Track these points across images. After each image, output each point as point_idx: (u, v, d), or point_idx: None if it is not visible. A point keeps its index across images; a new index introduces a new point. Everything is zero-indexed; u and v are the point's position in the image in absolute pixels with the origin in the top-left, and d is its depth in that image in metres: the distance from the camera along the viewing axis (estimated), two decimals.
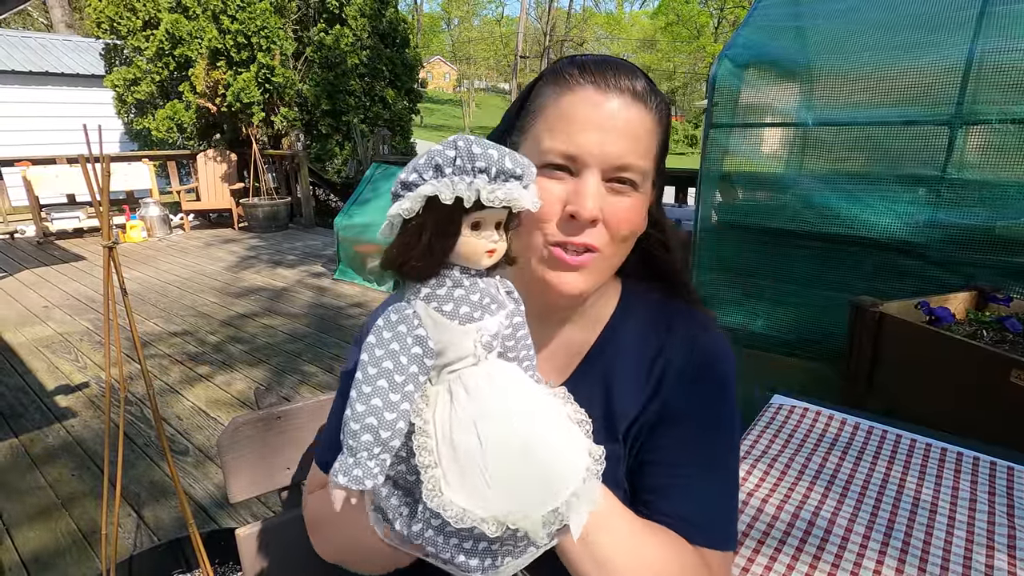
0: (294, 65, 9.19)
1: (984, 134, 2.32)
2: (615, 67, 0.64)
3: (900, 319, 1.99)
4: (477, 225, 0.48)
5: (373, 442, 0.47)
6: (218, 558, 1.68)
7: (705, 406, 0.69)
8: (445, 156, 0.46)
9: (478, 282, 0.50)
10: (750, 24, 2.96)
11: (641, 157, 0.63)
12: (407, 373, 0.47)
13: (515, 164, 0.47)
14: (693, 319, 0.73)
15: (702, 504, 0.66)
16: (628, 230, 0.65)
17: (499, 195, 0.46)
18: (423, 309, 0.48)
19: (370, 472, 0.48)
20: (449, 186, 0.45)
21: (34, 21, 20.01)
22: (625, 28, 34.20)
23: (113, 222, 1.40)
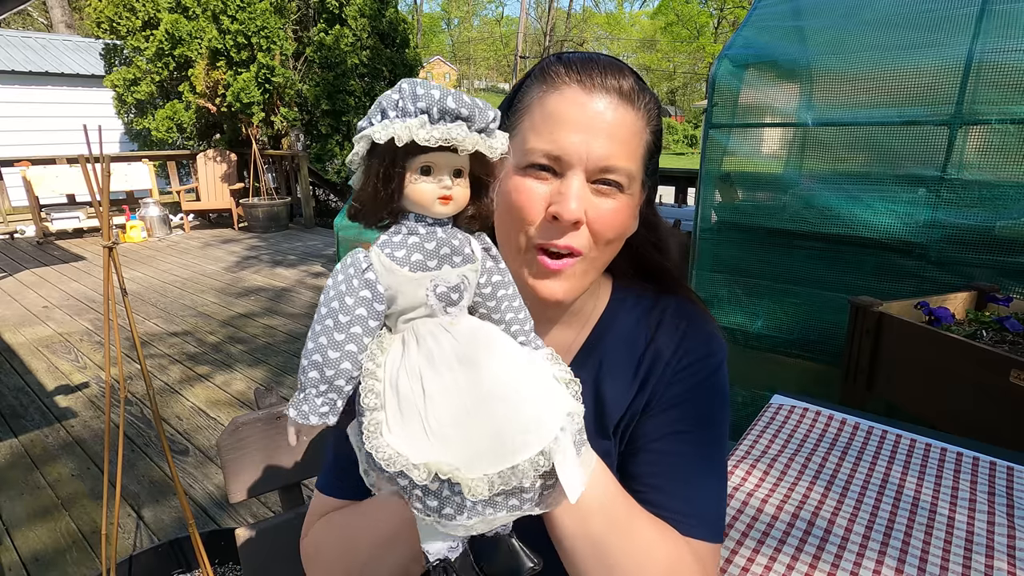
0: (294, 65, 9.19)
1: (984, 134, 2.33)
2: (602, 65, 0.62)
3: (900, 319, 2.00)
4: (428, 170, 0.47)
5: (319, 379, 0.47)
6: (218, 558, 1.69)
7: (694, 397, 0.68)
8: (390, 99, 0.45)
9: (436, 231, 0.49)
10: (750, 24, 2.96)
11: (627, 159, 0.61)
12: (353, 314, 0.47)
13: (459, 104, 0.45)
14: (684, 311, 0.72)
15: (691, 496, 0.65)
16: (613, 233, 0.63)
17: (435, 135, 0.44)
18: (375, 254, 0.48)
19: (316, 409, 0.48)
20: (386, 127, 0.44)
21: (34, 21, 20.01)
22: (625, 28, 34.21)
23: (113, 222, 1.40)
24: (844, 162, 2.77)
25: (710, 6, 27.51)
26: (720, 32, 26.93)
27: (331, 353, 0.47)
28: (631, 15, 34.99)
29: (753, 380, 2.70)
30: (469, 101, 0.46)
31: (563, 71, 0.62)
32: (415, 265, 0.48)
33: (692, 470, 0.66)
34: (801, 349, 2.73)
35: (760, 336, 2.86)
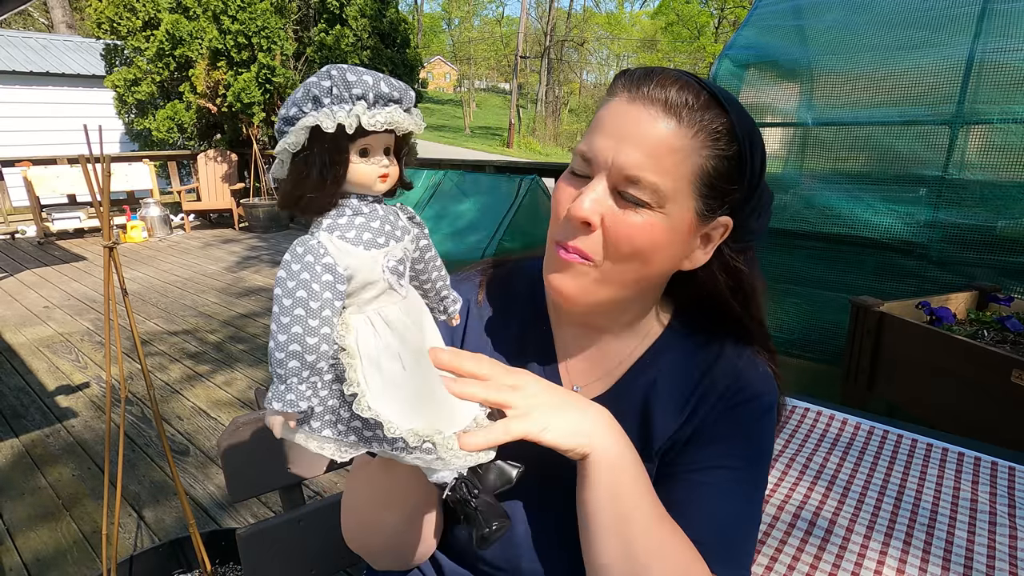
0: (295, 65, 9.19)
1: (985, 134, 2.32)
2: (659, 77, 0.59)
3: (901, 319, 1.99)
4: (365, 152, 0.49)
5: (300, 367, 0.50)
6: (218, 558, 1.69)
7: (741, 435, 0.67)
8: (321, 87, 0.46)
9: (377, 209, 0.52)
10: (751, 24, 2.96)
11: (657, 173, 0.57)
12: (321, 299, 0.49)
13: (391, 88, 0.48)
14: (745, 350, 0.70)
15: (722, 528, 0.64)
16: (629, 247, 0.59)
17: (380, 119, 0.47)
18: (327, 238, 0.50)
19: (302, 395, 0.51)
20: (329, 115, 0.46)
21: (35, 21, 20.03)
22: (626, 28, 34.20)
23: (114, 222, 1.40)
24: (845, 162, 2.77)
25: (711, 6, 27.50)
26: (720, 32, 26.92)
27: (309, 340, 0.49)
28: (632, 15, 35.00)
29: None
30: (397, 84, 0.49)
31: (620, 83, 0.62)
32: (368, 244, 0.51)
33: (727, 505, 0.65)
34: (802, 349, 2.73)
35: None
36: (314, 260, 0.49)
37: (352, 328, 0.52)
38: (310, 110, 0.46)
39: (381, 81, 0.47)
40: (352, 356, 0.52)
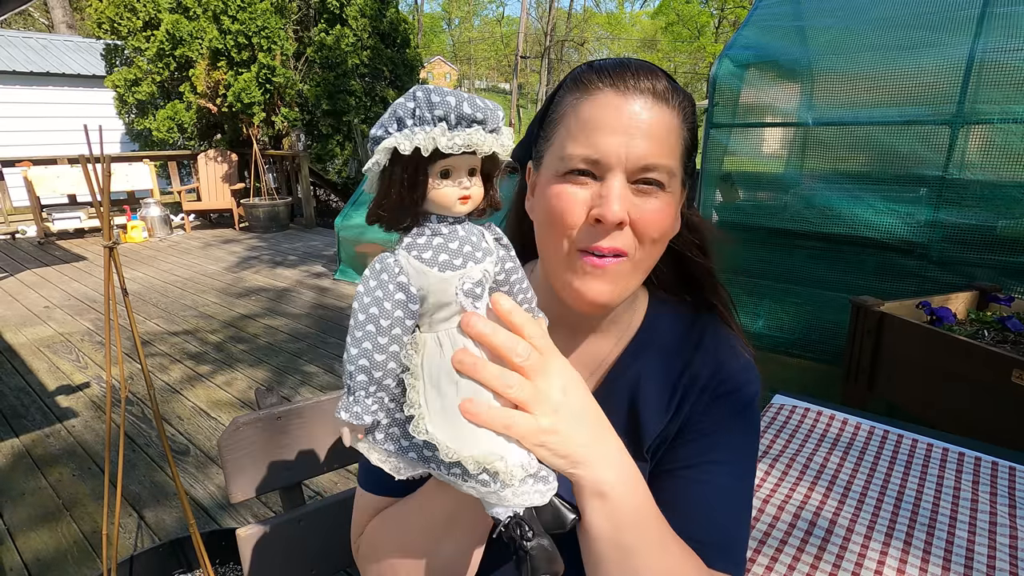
0: (295, 65, 9.19)
1: (985, 134, 2.32)
2: (634, 68, 0.62)
3: (901, 319, 1.99)
4: (447, 173, 0.49)
5: (367, 381, 0.51)
6: (219, 558, 1.69)
7: (728, 427, 0.68)
8: (406, 108, 0.47)
9: (457, 230, 0.51)
10: (751, 24, 2.96)
11: (666, 156, 0.61)
12: (392, 317, 0.49)
13: (475, 109, 0.47)
14: (723, 339, 0.71)
15: (716, 526, 0.65)
16: (657, 232, 0.62)
17: (458, 141, 0.46)
18: (404, 258, 0.50)
19: (368, 409, 0.52)
20: (408, 137, 0.46)
21: (35, 21, 20.04)
22: (626, 28, 34.21)
23: (114, 222, 1.40)
24: (845, 162, 2.77)
25: (711, 6, 27.50)
26: (721, 32, 26.92)
27: (377, 356, 0.50)
28: (632, 15, 35.00)
29: None
30: (482, 104, 0.48)
31: (596, 77, 0.62)
32: (443, 265, 0.50)
33: (720, 500, 0.66)
34: (802, 349, 2.73)
35: (761, 336, 2.86)
36: (388, 279, 0.50)
37: (420, 346, 0.52)
38: (394, 131, 0.47)
39: (464, 102, 0.47)
40: (415, 376, 0.52)
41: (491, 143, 0.48)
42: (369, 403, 0.52)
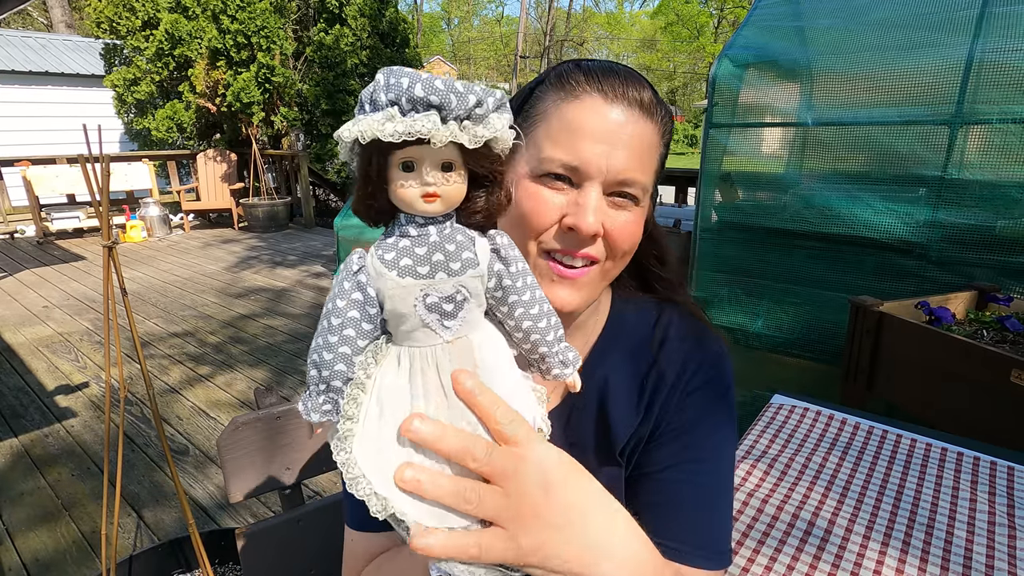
0: (294, 65, 9.19)
1: (984, 134, 2.32)
2: (623, 76, 0.61)
3: (900, 319, 1.99)
4: (409, 166, 0.43)
5: (318, 378, 0.47)
6: (218, 558, 1.69)
7: (704, 423, 0.67)
8: (367, 92, 0.43)
9: (429, 232, 0.45)
10: (750, 24, 2.96)
11: (644, 172, 0.61)
12: (345, 316, 0.46)
13: (429, 92, 0.41)
14: (687, 329, 0.70)
15: (697, 527, 0.64)
16: (628, 245, 0.62)
17: (399, 128, 0.40)
18: (370, 255, 0.47)
19: (317, 406, 0.48)
20: (353, 124, 0.42)
21: (34, 21, 20.01)
22: (625, 28, 34.21)
23: (113, 222, 1.40)
24: (844, 162, 2.77)
25: (710, 6, 27.50)
26: (720, 32, 26.93)
27: (325, 354, 0.47)
28: (631, 15, 35.00)
29: (753, 380, 2.70)
30: (442, 87, 0.41)
31: (583, 79, 0.60)
32: (404, 270, 0.45)
33: (701, 500, 0.65)
34: (801, 349, 2.73)
35: (760, 336, 2.86)
36: (346, 275, 0.46)
37: (381, 357, 0.47)
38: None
39: (418, 83, 0.41)
40: (362, 388, 0.47)
41: (449, 133, 0.41)
42: (320, 401, 0.48)
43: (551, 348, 0.52)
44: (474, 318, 0.48)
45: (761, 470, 1.14)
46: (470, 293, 0.46)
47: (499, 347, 0.50)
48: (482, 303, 0.48)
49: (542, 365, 0.53)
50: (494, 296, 0.49)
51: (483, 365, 0.47)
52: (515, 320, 0.50)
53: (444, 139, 0.41)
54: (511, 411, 0.46)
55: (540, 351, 0.52)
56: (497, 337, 0.51)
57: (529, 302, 0.49)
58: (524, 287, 0.49)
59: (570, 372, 0.53)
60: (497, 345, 0.50)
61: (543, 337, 0.51)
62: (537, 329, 0.50)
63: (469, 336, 0.47)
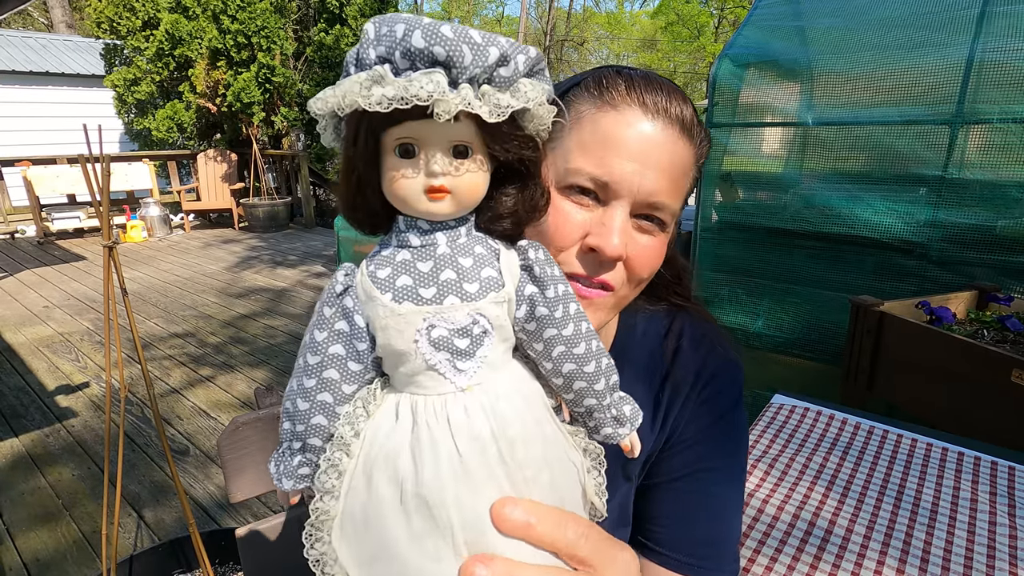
0: (294, 65, 9.19)
1: (985, 133, 2.32)
2: (667, 90, 0.56)
3: (901, 319, 1.99)
4: (408, 150, 0.31)
5: (291, 432, 0.37)
6: (218, 558, 1.68)
7: (717, 432, 0.66)
8: (352, 51, 0.32)
9: (437, 243, 0.34)
10: (751, 24, 2.96)
11: (675, 197, 0.56)
12: (325, 353, 0.35)
13: (432, 40, 0.29)
14: (700, 337, 0.68)
15: (708, 536, 0.63)
16: (648, 272, 0.58)
17: (387, 93, 0.29)
18: (361, 271, 0.35)
19: (291, 470, 0.37)
20: (328, 91, 0.31)
21: (34, 21, 20.02)
22: (625, 28, 34.19)
23: (113, 222, 1.40)
24: (845, 162, 2.77)
25: (711, 6, 27.49)
26: (720, 32, 26.90)
27: (300, 403, 0.36)
28: (631, 15, 34.97)
29: (754, 380, 2.70)
30: (451, 35, 0.30)
31: (624, 89, 0.55)
32: (401, 293, 0.33)
33: (712, 509, 0.64)
34: (802, 349, 2.73)
35: (761, 336, 2.86)
36: (328, 298, 0.35)
37: (374, 407, 0.36)
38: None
39: (416, 30, 0.29)
40: (345, 450, 0.35)
41: (458, 100, 0.29)
42: (294, 463, 0.38)
43: (601, 400, 0.39)
44: (497, 358, 0.36)
45: (762, 470, 1.14)
46: (491, 324, 0.35)
47: (532, 397, 0.38)
48: (508, 337, 0.37)
49: (589, 422, 0.41)
50: (525, 329, 0.37)
51: (509, 424, 0.34)
52: (553, 362, 0.37)
53: (453, 108, 0.29)
54: (579, 526, 0.36)
55: (586, 403, 0.39)
56: (529, 383, 0.38)
57: (572, 338, 0.37)
58: (565, 318, 0.37)
59: (626, 432, 0.41)
60: (530, 394, 0.37)
61: (590, 385, 0.38)
62: (583, 375, 0.38)
63: (490, 383, 0.35)
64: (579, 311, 0.39)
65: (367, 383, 0.37)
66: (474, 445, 0.33)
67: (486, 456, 0.33)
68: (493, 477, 0.33)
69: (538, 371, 0.39)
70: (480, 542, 0.32)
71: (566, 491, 0.37)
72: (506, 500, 0.33)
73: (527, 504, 0.34)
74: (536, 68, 0.33)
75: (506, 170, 0.35)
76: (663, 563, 0.63)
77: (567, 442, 0.39)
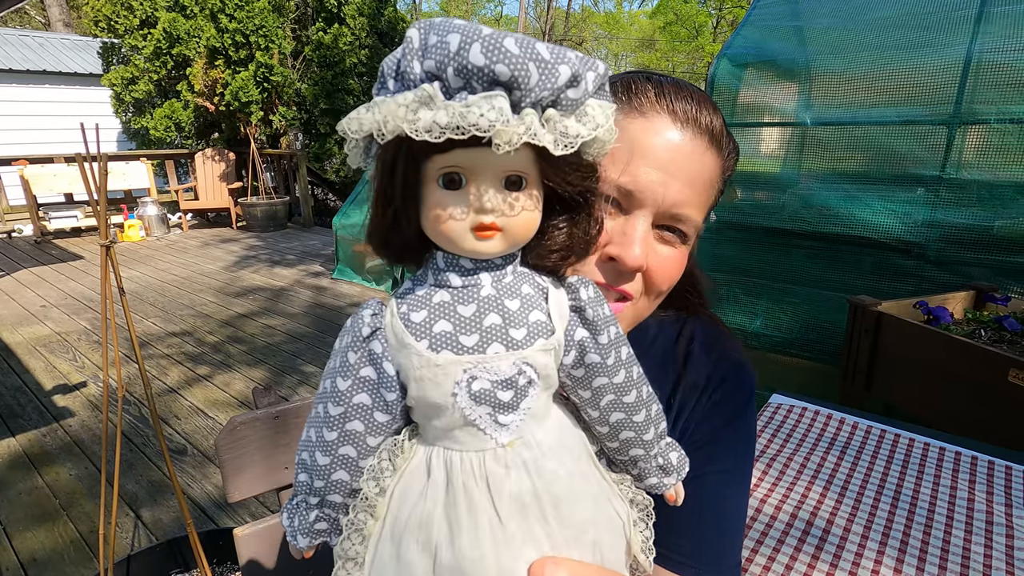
0: (292, 64, 9.17)
1: (982, 134, 2.33)
2: (697, 99, 0.55)
3: (898, 318, 2.00)
4: (454, 180, 0.27)
5: (308, 487, 0.34)
6: (216, 558, 1.68)
7: (726, 435, 0.66)
8: (390, 61, 0.27)
9: (480, 284, 0.30)
10: (749, 24, 2.96)
11: (699, 210, 0.55)
12: (349, 404, 0.31)
13: (494, 57, 0.24)
14: (711, 341, 0.69)
15: (712, 539, 0.64)
16: (667, 285, 0.57)
17: (443, 120, 0.24)
18: (391, 313, 0.31)
19: (307, 525, 0.35)
20: (364, 112, 0.26)
21: (31, 19, 19.96)
22: (624, 28, 34.21)
23: (111, 221, 1.39)
24: (843, 162, 2.77)
25: (709, 6, 27.51)
26: (719, 32, 26.93)
27: (320, 457, 0.32)
28: (630, 14, 34.99)
29: None
30: (517, 50, 0.25)
31: (653, 95, 0.54)
32: (439, 340, 0.30)
33: (717, 510, 0.64)
34: (800, 348, 2.73)
35: (759, 335, 2.86)
36: (352, 342, 0.31)
37: (403, 461, 0.32)
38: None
39: (474, 44, 0.25)
40: (372, 512, 0.32)
41: (522, 130, 0.25)
42: (311, 518, 0.35)
43: (649, 450, 0.37)
44: (540, 408, 0.32)
45: (759, 469, 1.14)
46: (538, 374, 0.31)
47: (577, 449, 0.34)
48: (553, 384, 0.33)
49: (633, 470, 0.38)
50: (571, 375, 0.33)
51: (556, 482, 0.31)
52: (601, 411, 0.34)
53: (516, 140, 0.25)
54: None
55: (632, 453, 0.37)
56: (572, 432, 0.35)
57: (623, 386, 0.34)
58: (617, 364, 0.34)
59: (671, 483, 0.39)
60: (574, 446, 0.34)
61: (639, 436, 0.36)
62: (632, 424, 0.35)
63: (534, 435, 0.31)
64: (631, 355, 0.36)
65: (394, 433, 0.33)
66: (514, 505, 0.30)
67: (527, 516, 0.30)
68: (533, 539, 0.30)
69: (579, 415, 0.36)
70: None
71: (608, 548, 0.34)
72: (547, 560, 0.31)
73: (568, 565, 0.32)
74: (603, 84, 0.29)
75: (559, 199, 0.32)
76: (664, 563, 0.63)
77: (613, 492, 0.36)
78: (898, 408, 2.13)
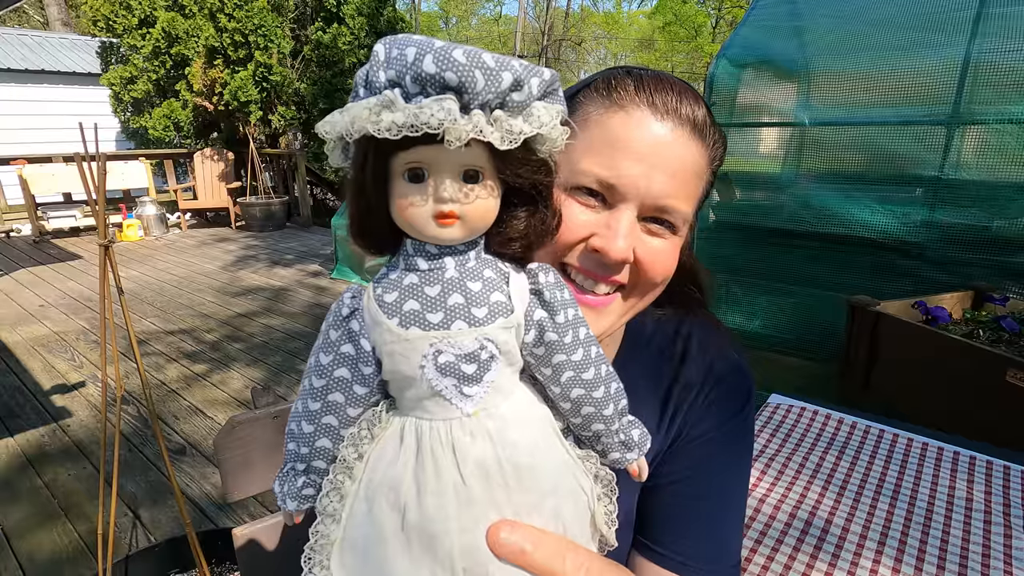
0: (291, 64, 9.16)
1: (981, 134, 2.33)
2: (677, 90, 0.54)
3: (897, 318, 2.00)
4: (417, 174, 0.31)
5: (296, 454, 0.37)
6: (215, 558, 1.68)
7: (723, 434, 0.66)
8: (361, 73, 0.32)
9: (445, 266, 0.34)
10: (748, 24, 2.97)
11: (686, 201, 0.55)
12: (331, 377, 0.35)
13: (444, 65, 0.28)
14: (709, 341, 0.68)
15: (709, 541, 0.63)
16: (660, 276, 0.57)
17: (397, 119, 0.28)
18: (368, 294, 0.35)
19: (296, 491, 0.38)
20: (336, 116, 0.31)
21: (30, 19, 19.93)
22: (623, 28, 34.23)
23: (109, 221, 1.40)
24: (842, 162, 2.78)
25: (708, 6, 27.53)
26: (718, 32, 26.95)
27: (306, 425, 0.36)
28: (629, 14, 35.01)
29: None
30: (464, 59, 0.29)
31: (633, 89, 0.54)
32: (408, 318, 0.33)
33: (715, 509, 0.64)
34: (798, 348, 2.74)
35: (758, 335, 2.87)
36: (335, 321, 0.35)
37: (379, 431, 0.36)
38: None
39: (427, 55, 0.29)
40: (349, 474, 0.35)
41: (470, 127, 0.29)
42: (299, 484, 0.38)
43: (609, 425, 0.40)
44: (504, 383, 0.35)
45: (758, 469, 1.14)
46: (499, 350, 0.34)
47: (542, 422, 0.38)
48: (516, 361, 0.36)
49: (596, 446, 0.41)
50: (533, 353, 0.37)
51: (520, 451, 0.34)
52: (562, 386, 0.37)
53: (464, 136, 0.29)
54: (578, 556, 0.35)
55: (594, 428, 0.39)
56: (537, 407, 0.38)
57: (581, 363, 0.37)
58: (575, 343, 0.37)
59: (633, 457, 0.41)
60: (539, 419, 0.37)
61: (599, 411, 0.39)
62: (591, 400, 0.38)
63: (497, 407, 0.35)
64: (589, 335, 0.39)
65: (373, 405, 0.37)
66: (478, 471, 0.33)
67: (489, 483, 0.33)
68: (495, 504, 0.33)
69: (545, 394, 0.39)
70: (478, 571, 0.32)
71: (571, 519, 0.37)
72: (503, 523, 0.33)
73: (525, 529, 0.33)
74: (550, 89, 0.33)
75: (517, 192, 0.35)
76: (662, 563, 0.63)
77: (577, 467, 0.39)
78: (896, 408, 2.14)
